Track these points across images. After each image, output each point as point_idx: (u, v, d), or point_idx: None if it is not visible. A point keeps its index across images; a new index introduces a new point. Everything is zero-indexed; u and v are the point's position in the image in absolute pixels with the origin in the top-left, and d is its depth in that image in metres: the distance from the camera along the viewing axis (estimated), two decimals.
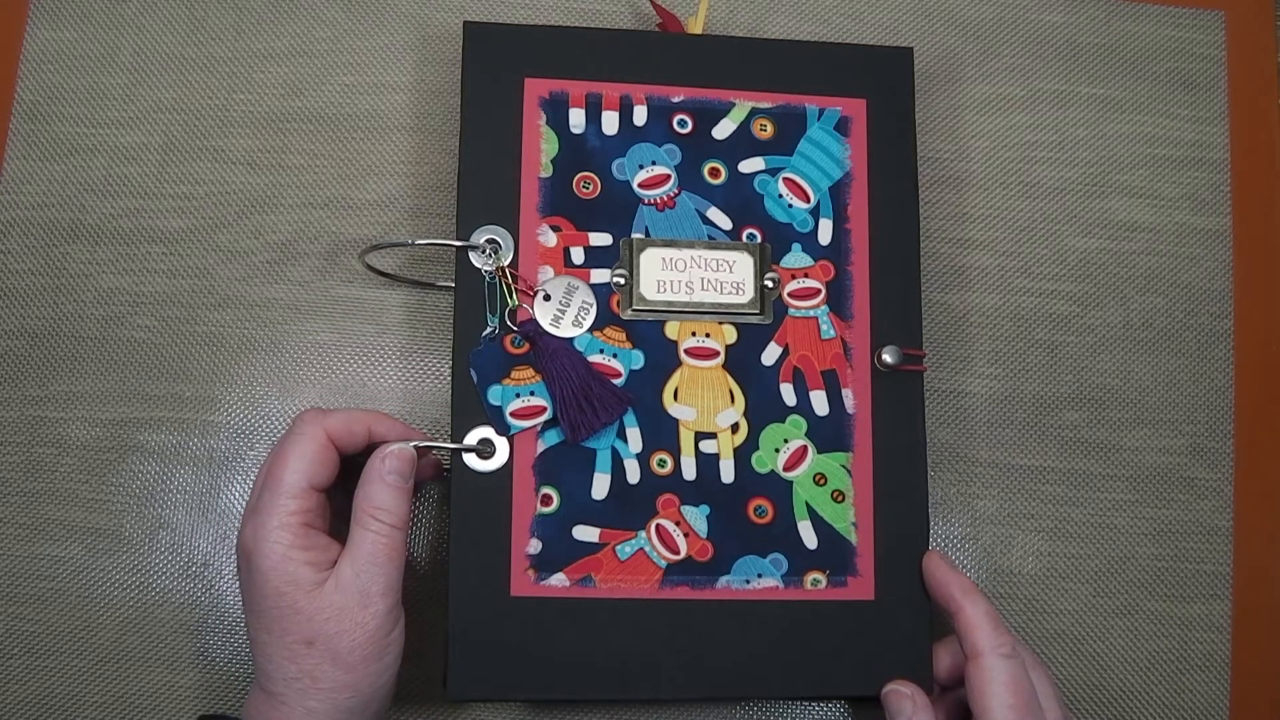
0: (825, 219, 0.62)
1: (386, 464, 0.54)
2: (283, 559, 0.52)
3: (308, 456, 0.53)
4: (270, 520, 0.52)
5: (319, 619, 0.51)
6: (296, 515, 0.52)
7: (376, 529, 0.53)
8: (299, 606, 0.51)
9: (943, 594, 0.58)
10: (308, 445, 0.54)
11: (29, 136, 0.66)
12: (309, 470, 0.53)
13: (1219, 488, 0.68)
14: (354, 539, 0.53)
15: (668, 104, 0.62)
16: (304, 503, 0.53)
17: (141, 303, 0.64)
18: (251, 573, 0.52)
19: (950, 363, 0.68)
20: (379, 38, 0.68)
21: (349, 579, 0.52)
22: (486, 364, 0.58)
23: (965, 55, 0.72)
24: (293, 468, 0.53)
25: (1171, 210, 0.71)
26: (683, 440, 0.59)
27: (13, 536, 0.62)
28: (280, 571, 0.51)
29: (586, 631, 0.57)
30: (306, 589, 0.51)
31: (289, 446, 0.54)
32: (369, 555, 0.53)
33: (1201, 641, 0.67)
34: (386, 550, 0.53)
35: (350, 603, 0.52)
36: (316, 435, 0.54)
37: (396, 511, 0.54)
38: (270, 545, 0.52)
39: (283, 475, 0.53)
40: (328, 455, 0.54)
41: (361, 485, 0.54)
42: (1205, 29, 0.74)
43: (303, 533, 0.52)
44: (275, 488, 0.53)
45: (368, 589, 0.52)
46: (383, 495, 0.54)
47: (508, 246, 0.59)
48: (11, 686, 0.61)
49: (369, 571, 0.52)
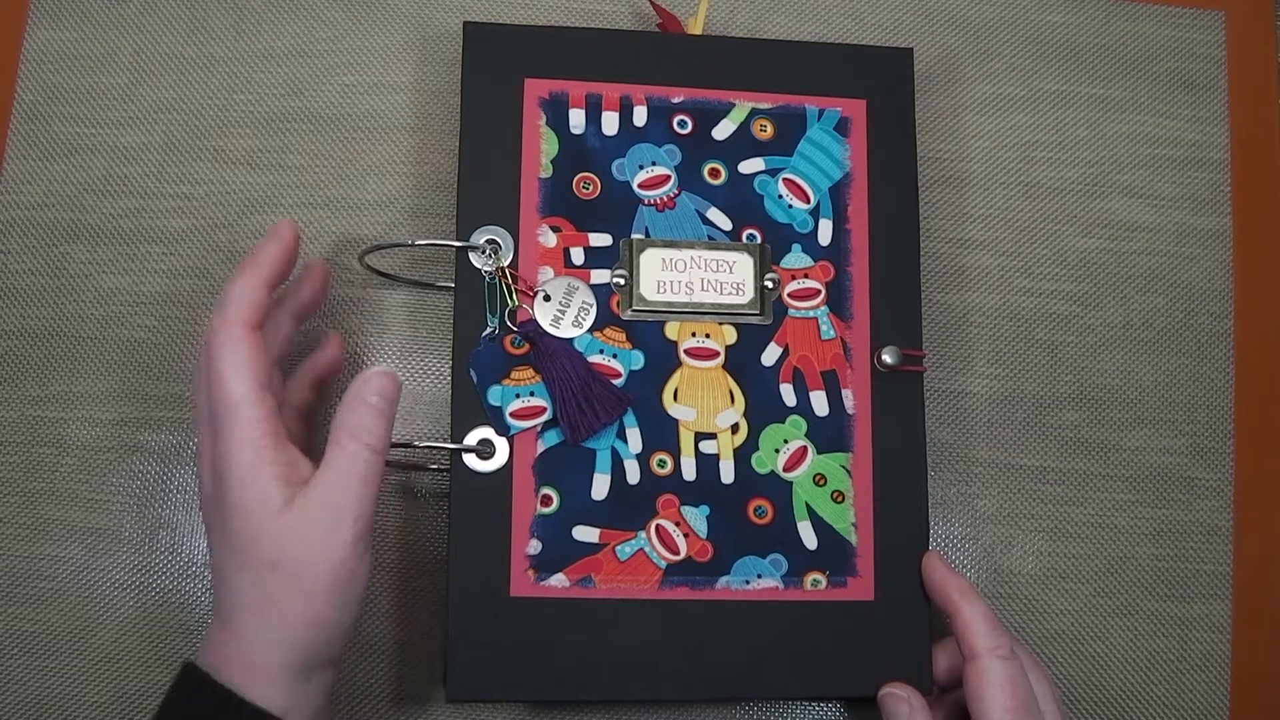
0: (825, 219, 0.62)
1: (370, 385, 0.52)
2: (251, 473, 0.49)
3: (240, 357, 0.50)
4: (234, 434, 0.49)
5: (285, 540, 0.49)
6: (257, 423, 0.50)
7: (354, 450, 0.50)
8: (265, 526, 0.49)
9: (941, 595, 0.58)
10: (235, 348, 0.51)
11: (29, 136, 0.66)
12: (251, 372, 0.50)
13: (1219, 488, 0.68)
14: (329, 459, 0.50)
15: (668, 104, 0.62)
16: (261, 408, 0.50)
17: (141, 303, 0.64)
18: (218, 495, 0.50)
19: (950, 363, 0.68)
20: (379, 38, 0.68)
21: (319, 499, 0.49)
22: (486, 364, 0.58)
23: (965, 55, 0.72)
24: (233, 376, 0.50)
25: (1171, 210, 0.71)
26: (682, 441, 0.59)
27: (13, 536, 0.62)
28: (248, 488, 0.49)
29: (586, 632, 0.57)
30: (274, 507, 0.49)
31: (219, 358, 0.50)
32: (343, 475, 0.50)
33: (1201, 641, 0.67)
34: (362, 472, 0.50)
35: (318, 526, 0.49)
36: (236, 333, 0.51)
37: (376, 434, 0.51)
38: (237, 462, 0.49)
39: (228, 387, 0.50)
40: (257, 347, 0.51)
41: (342, 407, 0.51)
42: (1205, 29, 0.74)
43: (270, 444, 0.50)
44: (226, 402, 0.50)
45: (338, 512, 0.49)
46: (365, 416, 0.51)
47: (508, 247, 0.59)
48: (11, 686, 0.61)
49: (340, 493, 0.50)
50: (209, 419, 0.51)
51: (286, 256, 0.55)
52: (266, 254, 0.54)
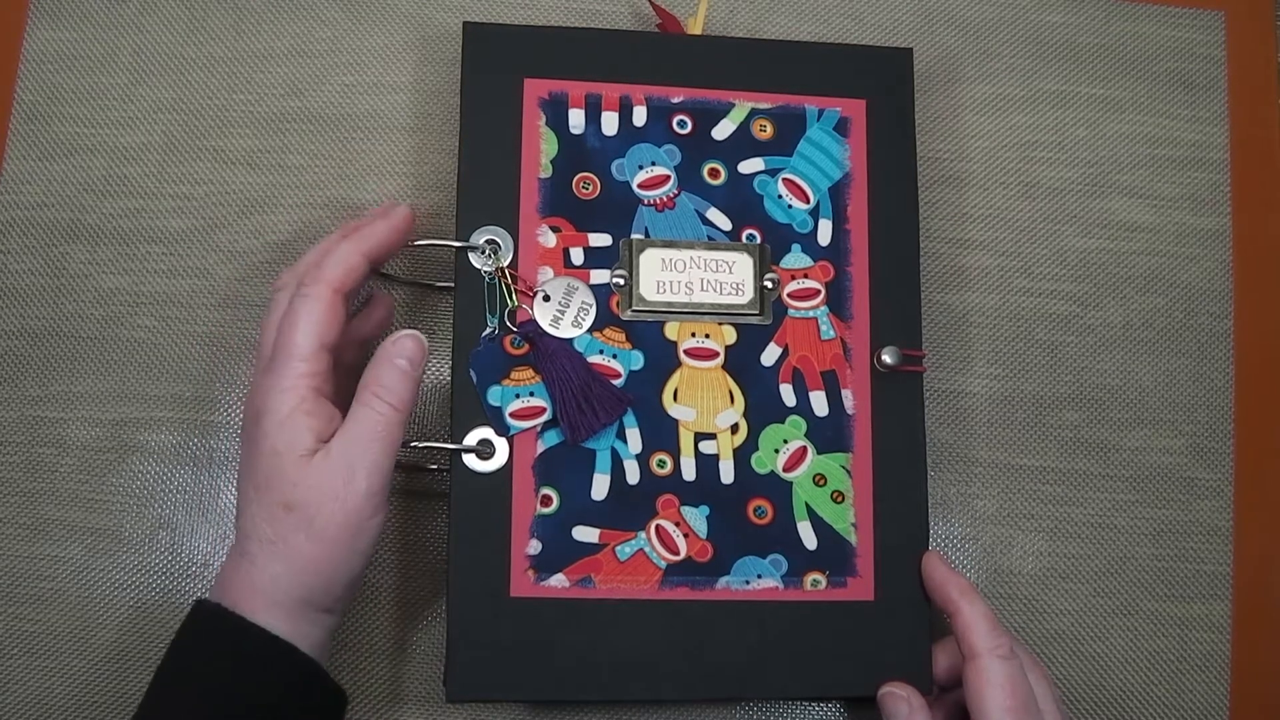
0: (825, 219, 0.62)
1: (398, 346, 0.55)
2: (289, 417, 0.52)
3: (316, 317, 0.53)
4: (282, 382, 0.52)
5: (302, 485, 0.51)
6: (307, 378, 0.53)
7: (377, 406, 0.53)
8: (288, 469, 0.51)
9: (941, 595, 0.58)
10: (316, 307, 0.53)
11: (29, 136, 0.66)
12: (320, 331, 0.53)
13: (1219, 488, 0.68)
14: (352, 414, 0.53)
15: (667, 104, 0.62)
16: (315, 365, 0.53)
17: (141, 303, 0.64)
18: (255, 433, 0.53)
19: (950, 363, 0.68)
20: (379, 38, 0.68)
21: (338, 451, 0.52)
22: (486, 365, 0.58)
23: (965, 55, 0.72)
24: (304, 331, 0.53)
25: (1171, 210, 0.71)
26: (682, 441, 0.59)
27: (13, 536, 0.62)
28: (283, 430, 0.52)
29: (586, 632, 0.57)
30: (299, 453, 0.51)
31: (298, 311, 0.53)
32: (362, 430, 0.52)
33: (1201, 641, 0.67)
34: (382, 429, 0.53)
35: (335, 476, 0.51)
36: (324, 295, 0.54)
37: (399, 393, 0.54)
38: (279, 403, 0.52)
39: (294, 339, 0.53)
40: (336, 311, 0.54)
41: (370, 365, 0.54)
42: (1205, 29, 0.74)
43: (311, 396, 0.52)
44: (288, 352, 0.53)
45: (354, 464, 0.52)
46: (389, 375, 0.54)
47: (507, 247, 0.59)
48: (11, 686, 0.61)
49: (359, 447, 0.52)
50: (268, 358, 0.54)
51: (395, 239, 0.58)
52: (376, 230, 0.57)
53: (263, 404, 0.52)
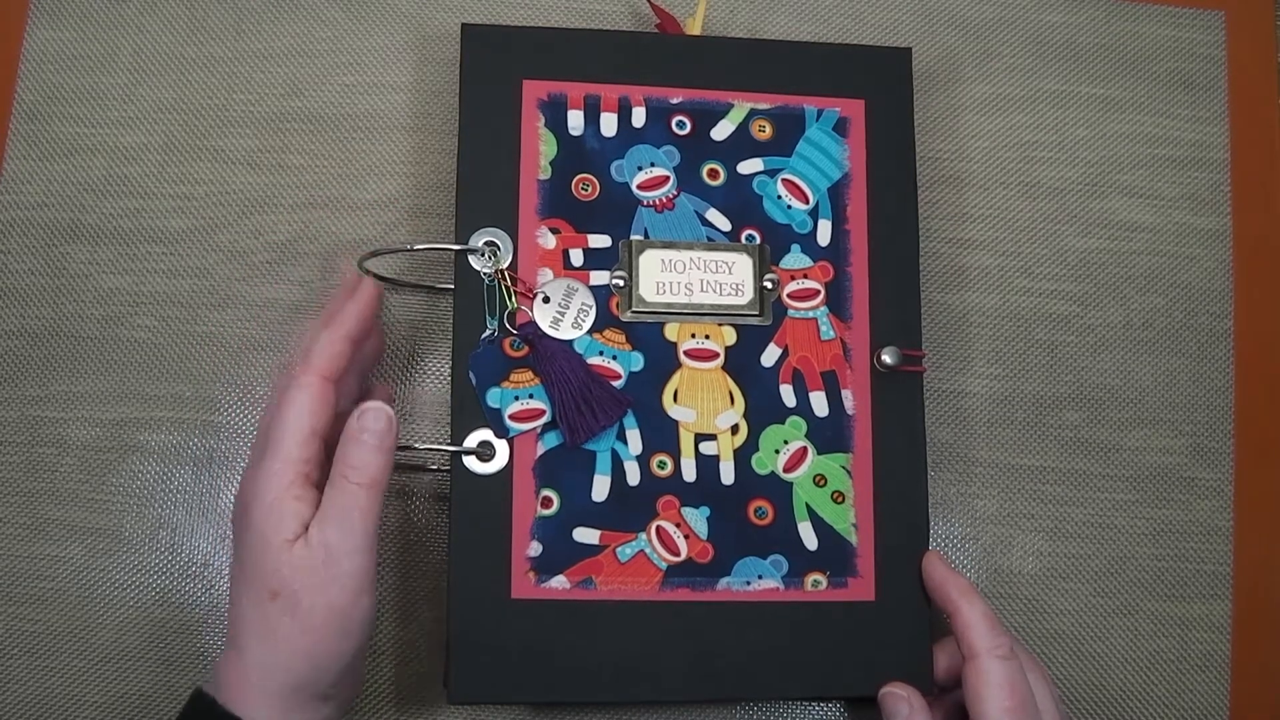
0: (824, 220, 0.62)
1: (363, 421, 0.53)
2: (276, 502, 0.51)
3: (305, 404, 0.53)
4: (270, 467, 0.52)
5: (285, 570, 0.50)
6: (296, 464, 0.52)
7: (348, 489, 0.52)
8: (271, 555, 0.50)
9: (940, 594, 0.58)
10: (304, 395, 0.53)
11: (29, 136, 0.66)
12: (309, 418, 0.52)
13: (1219, 488, 0.68)
14: (328, 496, 0.52)
15: (666, 105, 0.62)
16: (304, 451, 0.52)
17: (141, 303, 0.64)
18: (244, 519, 0.52)
19: (950, 363, 0.68)
20: (379, 38, 0.68)
21: (316, 536, 0.51)
22: (485, 367, 0.58)
23: (965, 55, 0.72)
24: (293, 417, 0.52)
25: (1171, 210, 0.71)
26: (682, 442, 0.59)
27: (13, 536, 0.62)
28: (269, 516, 0.51)
29: (587, 634, 0.57)
30: (284, 538, 0.50)
31: (287, 401, 0.53)
32: (337, 513, 0.51)
33: (1201, 641, 0.67)
34: (357, 510, 0.51)
35: (316, 560, 0.50)
36: (311, 383, 0.53)
37: (370, 470, 0.52)
38: (266, 489, 0.51)
39: (284, 426, 0.52)
40: (325, 398, 0.53)
41: (340, 444, 0.53)
42: (1205, 29, 0.73)
43: (300, 482, 0.52)
44: (278, 438, 0.52)
45: (334, 547, 0.51)
46: (358, 454, 0.52)
47: (507, 249, 0.59)
48: (11, 686, 0.61)
49: (336, 529, 0.51)
50: (259, 442, 0.54)
51: (368, 313, 0.57)
52: (349, 313, 0.56)
53: (251, 492, 0.52)
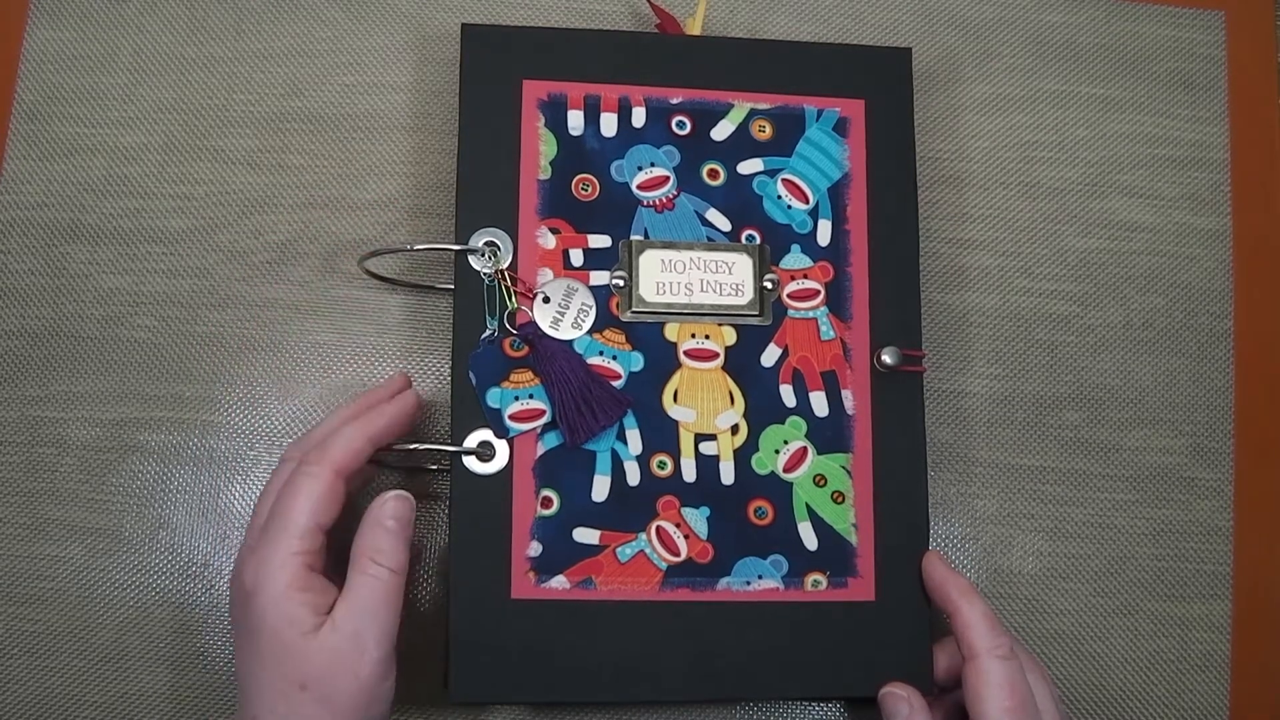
0: (824, 220, 0.62)
1: (386, 509, 0.54)
2: (283, 596, 0.51)
3: (316, 496, 0.53)
4: (274, 558, 0.52)
5: (314, 662, 0.51)
6: (300, 556, 0.52)
7: (374, 573, 0.52)
8: (295, 647, 0.51)
9: (940, 594, 0.58)
10: (316, 486, 0.53)
11: (29, 136, 0.66)
12: (318, 510, 0.53)
13: (1219, 488, 0.68)
14: (351, 583, 0.53)
15: (666, 105, 0.62)
16: (310, 543, 0.52)
17: (141, 303, 0.64)
18: (249, 610, 0.52)
19: (950, 363, 0.68)
20: (379, 38, 0.68)
21: (345, 623, 0.51)
22: (485, 367, 0.58)
23: (965, 55, 0.72)
24: (301, 509, 0.52)
25: (1171, 210, 0.71)
26: (682, 442, 0.59)
27: (13, 536, 0.62)
28: (280, 609, 0.51)
29: (587, 634, 0.57)
30: (304, 630, 0.51)
31: (298, 488, 0.53)
32: (365, 600, 0.52)
33: (1201, 641, 0.67)
34: (383, 596, 0.52)
35: (345, 647, 0.51)
36: (324, 476, 0.53)
37: (394, 556, 0.53)
38: (271, 584, 0.51)
39: (290, 516, 0.52)
40: (336, 492, 0.54)
41: (361, 530, 0.54)
42: (1205, 29, 0.73)
43: (303, 573, 0.52)
44: (283, 527, 0.52)
45: (363, 635, 0.51)
46: (382, 539, 0.53)
47: (507, 249, 0.59)
48: (11, 686, 0.61)
49: (365, 617, 0.52)
50: (259, 523, 0.54)
51: (403, 425, 0.57)
52: (385, 415, 0.57)
53: (255, 582, 0.52)
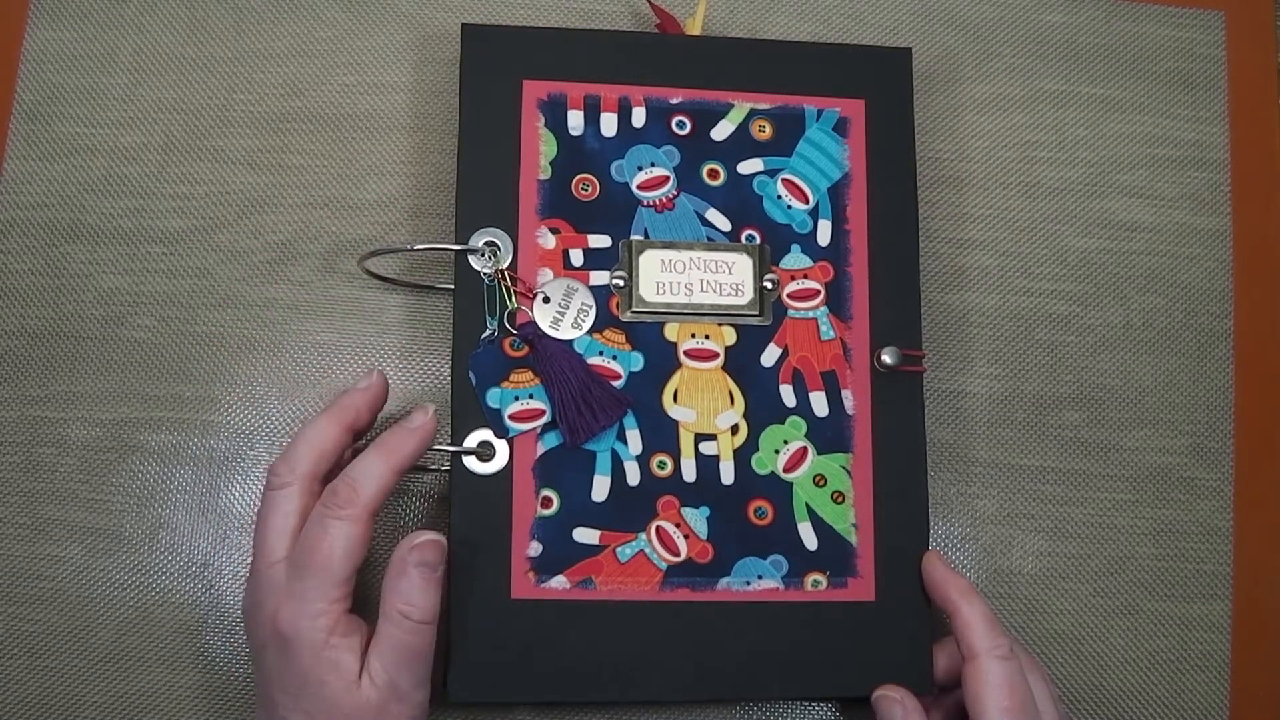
0: (824, 220, 0.62)
1: (414, 555, 0.52)
2: (324, 645, 0.51)
3: (353, 542, 0.52)
4: (312, 608, 0.51)
5: (359, 713, 0.51)
6: (340, 603, 0.51)
7: (407, 626, 0.52)
8: (340, 699, 0.50)
9: (940, 595, 0.58)
10: (353, 531, 0.52)
11: (29, 136, 0.66)
12: (355, 556, 0.52)
13: (1219, 488, 0.68)
14: (382, 633, 0.52)
15: (666, 105, 0.62)
16: (347, 589, 0.52)
17: (141, 303, 0.64)
18: (288, 655, 0.51)
19: (950, 363, 0.68)
20: (379, 38, 0.68)
21: (381, 675, 0.51)
22: (485, 367, 0.58)
23: (965, 55, 0.72)
24: (340, 558, 0.51)
25: (1171, 210, 0.71)
26: (682, 442, 0.59)
27: (13, 536, 0.62)
28: (322, 660, 0.51)
29: (587, 634, 0.57)
30: (347, 680, 0.51)
31: (335, 535, 0.52)
32: (398, 653, 0.51)
33: (1201, 641, 0.67)
34: (417, 646, 0.52)
35: (386, 698, 0.51)
36: (361, 519, 0.52)
37: (425, 606, 0.52)
38: (313, 632, 0.51)
39: (330, 567, 0.51)
40: (369, 534, 0.53)
41: (389, 576, 0.53)
42: (1205, 29, 0.73)
43: (344, 620, 0.52)
44: (323, 576, 0.51)
45: (399, 685, 0.51)
46: (410, 590, 0.52)
47: (507, 249, 0.59)
48: (11, 686, 0.61)
49: (398, 668, 0.51)
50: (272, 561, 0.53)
51: (421, 450, 0.56)
52: (405, 445, 0.55)
53: (293, 629, 0.51)
